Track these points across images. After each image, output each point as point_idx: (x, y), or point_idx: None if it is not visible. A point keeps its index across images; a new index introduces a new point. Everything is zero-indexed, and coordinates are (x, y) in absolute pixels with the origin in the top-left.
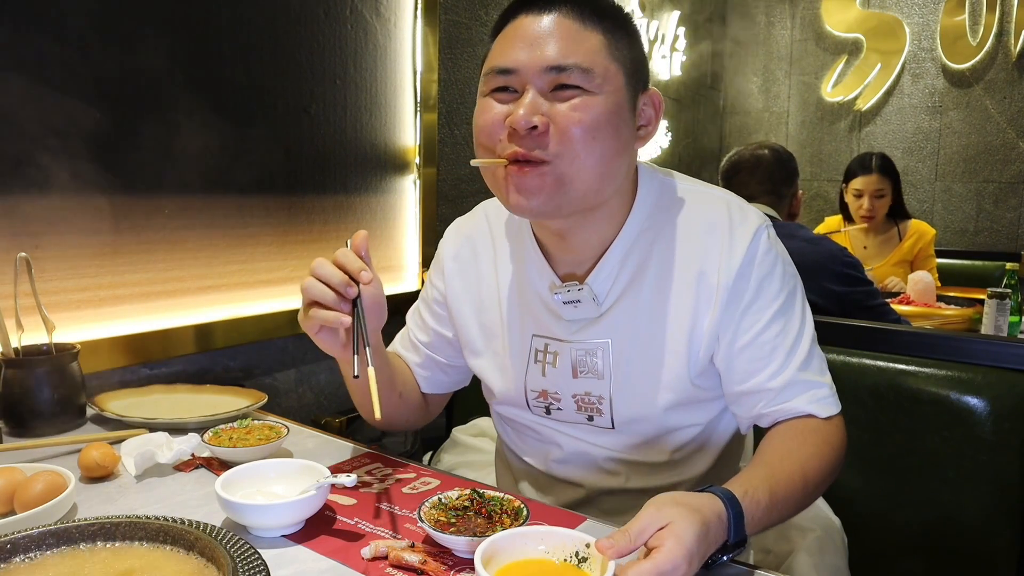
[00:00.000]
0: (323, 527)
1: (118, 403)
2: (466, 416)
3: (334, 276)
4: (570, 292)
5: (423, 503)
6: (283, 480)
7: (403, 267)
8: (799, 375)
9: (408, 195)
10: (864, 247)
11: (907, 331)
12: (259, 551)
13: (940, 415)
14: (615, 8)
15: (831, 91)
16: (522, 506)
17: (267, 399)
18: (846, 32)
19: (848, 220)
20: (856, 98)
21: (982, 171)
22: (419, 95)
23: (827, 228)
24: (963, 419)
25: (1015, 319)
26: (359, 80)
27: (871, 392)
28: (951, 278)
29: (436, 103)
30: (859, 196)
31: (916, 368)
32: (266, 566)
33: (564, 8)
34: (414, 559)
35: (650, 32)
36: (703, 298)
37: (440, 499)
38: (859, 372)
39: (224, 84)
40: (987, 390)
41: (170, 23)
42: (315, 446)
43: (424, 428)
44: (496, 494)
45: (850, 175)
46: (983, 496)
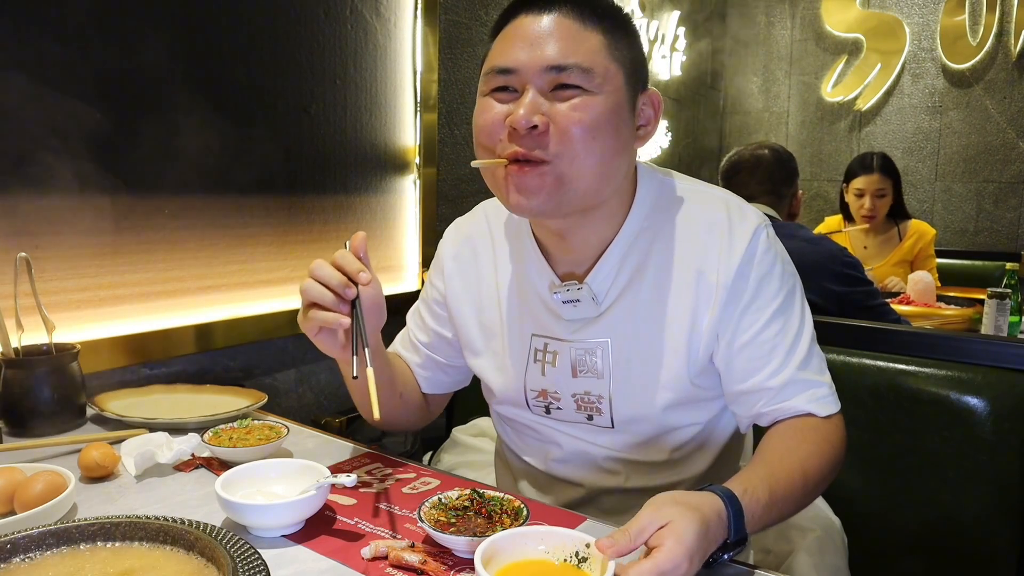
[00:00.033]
0: (323, 527)
1: (118, 403)
2: (466, 416)
3: (332, 278)
4: (569, 291)
5: (423, 503)
6: (283, 480)
7: (403, 267)
8: (798, 374)
9: (408, 195)
10: (864, 247)
11: (907, 331)
12: (259, 551)
13: (940, 415)
14: (614, 8)
15: (831, 91)
16: (522, 506)
17: (267, 399)
18: (846, 32)
19: (848, 220)
20: (856, 98)
21: (982, 171)
22: (419, 95)
23: (827, 228)
24: (963, 419)
25: (1015, 319)
26: (359, 80)
27: (871, 392)
28: (951, 278)
29: (436, 103)
30: (860, 196)
31: (916, 368)
32: (266, 566)
33: (564, 8)
34: (414, 559)
35: (650, 32)
36: (702, 297)
37: (440, 499)
38: (859, 372)
39: (224, 84)
40: (987, 390)
41: (170, 23)
42: (315, 446)
43: (424, 428)
44: (496, 494)
45: (851, 175)
46: (983, 496)
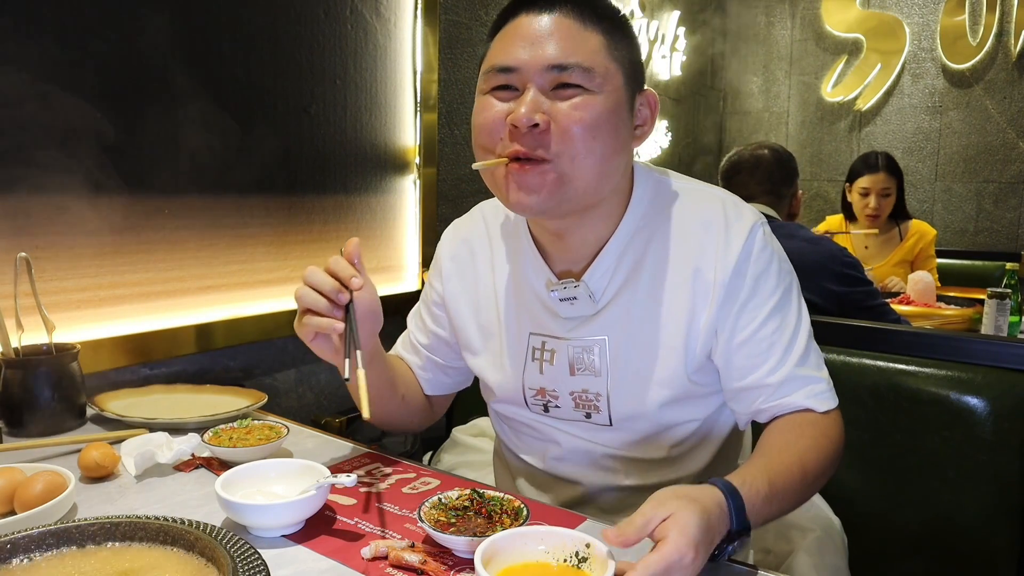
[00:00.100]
0: (323, 527)
1: (118, 403)
2: (466, 416)
3: (325, 283)
4: (566, 289)
5: (423, 503)
6: (283, 480)
7: (403, 267)
8: (797, 370)
9: (408, 195)
10: (865, 247)
11: (907, 331)
12: (259, 551)
13: (940, 415)
14: (613, 9)
15: (831, 91)
16: (522, 506)
17: (267, 399)
18: (846, 32)
19: (850, 220)
20: (856, 98)
21: (982, 171)
22: (419, 95)
23: (828, 227)
24: (963, 419)
25: (1015, 319)
26: (359, 80)
27: (871, 392)
28: (951, 278)
29: (436, 103)
30: (865, 195)
31: (916, 368)
32: (266, 566)
33: (564, 8)
34: (414, 559)
35: (650, 32)
36: (699, 295)
37: (440, 499)
38: (859, 372)
39: (224, 84)
40: (987, 390)
41: (171, 23)
42: (315, 446)
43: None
44: (496, 494)
45: (855, 174)
46: (983, 496)
